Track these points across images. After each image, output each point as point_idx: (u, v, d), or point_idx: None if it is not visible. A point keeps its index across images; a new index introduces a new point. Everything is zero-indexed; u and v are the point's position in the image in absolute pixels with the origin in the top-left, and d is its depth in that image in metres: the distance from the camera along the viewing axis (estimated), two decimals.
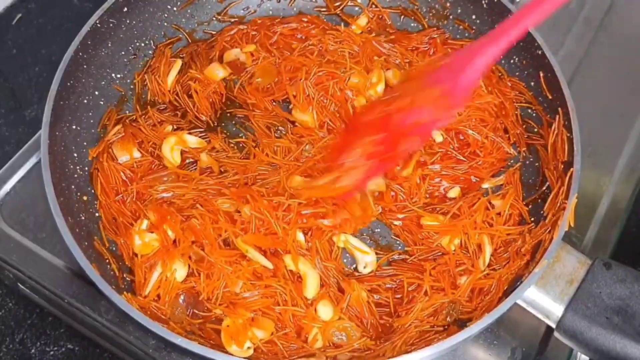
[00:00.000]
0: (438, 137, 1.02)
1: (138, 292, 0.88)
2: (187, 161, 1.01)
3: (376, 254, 0.95)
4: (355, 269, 0.94)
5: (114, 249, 0.93)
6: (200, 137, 1.02)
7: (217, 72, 1.09)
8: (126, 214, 0.95)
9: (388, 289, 0.92)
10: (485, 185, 1.00)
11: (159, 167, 0.99)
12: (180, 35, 1.14)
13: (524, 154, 1.03)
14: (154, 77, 1.07)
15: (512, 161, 1.03)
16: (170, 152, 0.99)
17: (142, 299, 0.86)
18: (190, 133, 1.02)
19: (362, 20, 1.17)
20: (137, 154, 0.99)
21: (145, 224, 0.93)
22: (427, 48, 1.12)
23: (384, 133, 0.88)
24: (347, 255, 0.95)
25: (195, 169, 1.00)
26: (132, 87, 1.08)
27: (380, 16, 1.17)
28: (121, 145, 0.99)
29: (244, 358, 0.81)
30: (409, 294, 0.90)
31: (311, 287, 0.88)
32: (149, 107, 1.06)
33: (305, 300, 0.88)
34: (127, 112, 1.07)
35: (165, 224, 0.91)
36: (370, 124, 0.92)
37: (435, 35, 1.13)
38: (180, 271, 0.88)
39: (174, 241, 0.91)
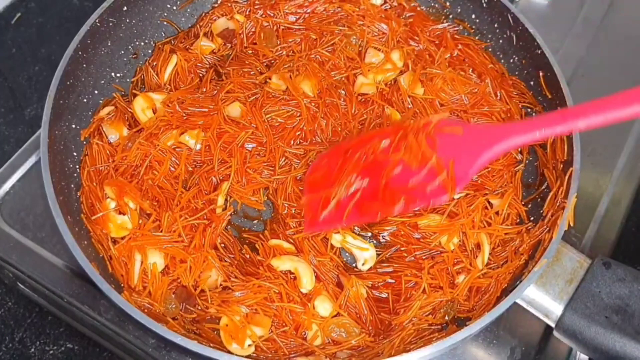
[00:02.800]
0: None
1: (125, 285, 0.88)
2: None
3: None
4: (355, 267, 0.95)
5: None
6: None
7: (204, 44, 1.09)
8: (103, 197, 0.94)
9: (387, 284, 0.92)
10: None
11: None
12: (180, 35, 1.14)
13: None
14: (152, 72, 1.08)
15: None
16: (142, 112, 1.01)
17: (133, 292, 0.86)
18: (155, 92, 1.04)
19: (377, 0, 1.16)
20: (126, 133, 1.00)
21: (113, 205, 0.93)
22: (437, 42, 1.12)
23: (367, 179, 0.81)
24: (347, 254, 0.96)
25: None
26: (131, 85, 1.08)
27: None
28: (111, 124, 1.00)
29: (244, 357, 0.81)
30: (407, 291, 0.90)
31: (306, 280, 0.88)
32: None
33: (302, 297, 0.88)
34: None
35: (126, 196, 0.92)
36: (356, 162, 0.84)
37: (447, 27, 1.13)
38: (158, 260, 0.89)
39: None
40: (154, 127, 0.99)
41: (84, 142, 0.99)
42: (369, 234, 0.97)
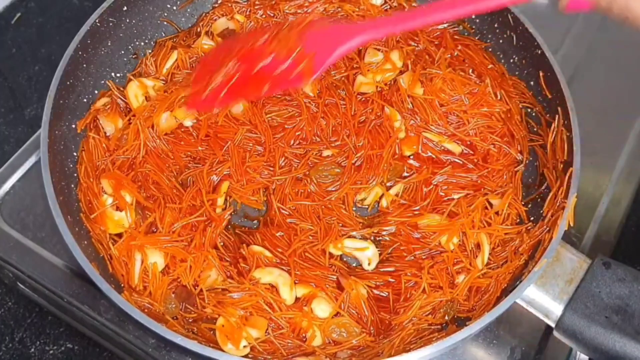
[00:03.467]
0: (456, 148, 1.02)
1: (126, 284, 0.87)
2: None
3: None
4: (359, 267, 0.94)
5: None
6: None
7: (205, 43, 1.09)
8: (99, 193, 0.94)
9: (388, 283, 0.92)
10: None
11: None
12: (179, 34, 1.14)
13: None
14: (152, 66, 1.07)
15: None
16: (135, 98, 1.01)
17: (133, 292, 0.86)
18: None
19: (377, 0, 1.15)
20: (121, 125, 1.00)
21: (110, 201, 0.93)
22: (437, 42, 1.12)
23: (243, 65, 0.92)
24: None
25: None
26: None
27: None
28: (107, 116, 1.00)
29: (242, 357, 0.81)
30: (407, 291, 0.90)
31: (286, 296, 0.87)
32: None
33: (291, 305, 0.88)
34: None
35: (123, 190, 0.92)
36: (237, 51, 0.94)
37: (447, 27, 1.13)
38: (158, 260, 0.89)
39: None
40: (146, 110, 0.99)
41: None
42: (371, 238, 0.97)
